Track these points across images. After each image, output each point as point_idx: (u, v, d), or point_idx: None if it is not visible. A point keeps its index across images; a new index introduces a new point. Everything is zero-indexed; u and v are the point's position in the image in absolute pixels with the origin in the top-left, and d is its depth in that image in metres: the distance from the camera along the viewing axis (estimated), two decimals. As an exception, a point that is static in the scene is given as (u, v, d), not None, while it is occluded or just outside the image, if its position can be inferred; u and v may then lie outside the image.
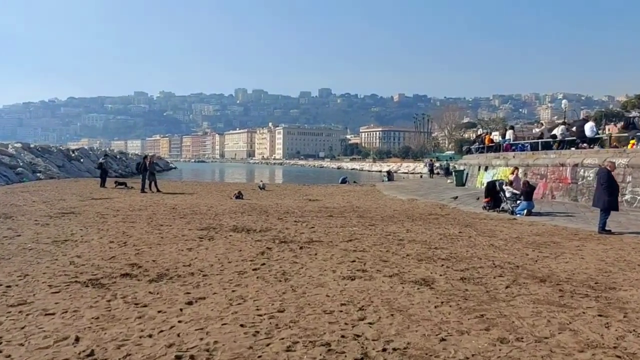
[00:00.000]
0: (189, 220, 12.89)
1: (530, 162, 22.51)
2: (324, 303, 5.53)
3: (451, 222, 13.56)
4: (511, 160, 24.44)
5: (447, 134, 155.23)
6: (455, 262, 7.98)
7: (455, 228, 12.18)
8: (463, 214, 15.65)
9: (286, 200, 20.60)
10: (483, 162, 27.79)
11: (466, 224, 13.02)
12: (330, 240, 9.82)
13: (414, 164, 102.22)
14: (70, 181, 31.99)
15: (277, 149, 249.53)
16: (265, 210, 15.86)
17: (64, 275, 6.64)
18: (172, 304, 5.40)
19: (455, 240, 10.27)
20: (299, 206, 17.79)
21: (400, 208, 17.55)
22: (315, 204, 19.10)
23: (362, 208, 17.37)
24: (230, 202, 19.00)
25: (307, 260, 7.91)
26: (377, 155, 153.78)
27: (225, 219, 13.29)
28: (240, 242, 9.41)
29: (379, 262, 7.86)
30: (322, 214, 14.96)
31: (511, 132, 26.61)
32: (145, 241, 9.38)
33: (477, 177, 27.94)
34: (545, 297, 6.02)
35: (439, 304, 5.60)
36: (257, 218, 13.60)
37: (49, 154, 42.98)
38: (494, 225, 13.01)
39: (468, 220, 14.08)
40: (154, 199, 19.90)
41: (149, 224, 11.87)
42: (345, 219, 13.84)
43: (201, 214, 14.33)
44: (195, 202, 18.98)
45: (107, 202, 18.24)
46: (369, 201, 20.73)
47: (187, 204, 17.67)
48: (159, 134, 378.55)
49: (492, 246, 9.60)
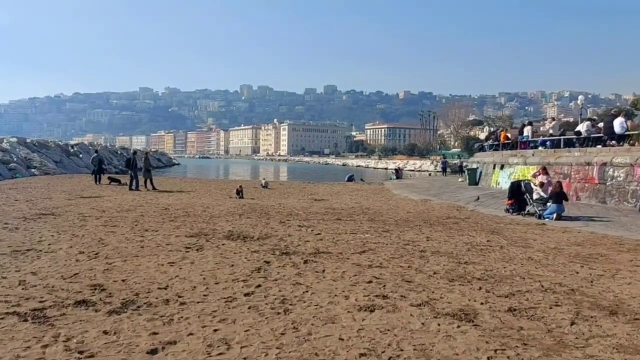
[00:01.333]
0: (180, 223, 11.46)
1: (551, 161, 20.95)
2: (336, 353, 4.06)
3: (474, 227, 12.08)
4: (530, 158, 22.89)
5: (453, 131, 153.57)
6: (495, 283, 6.50)
7: (480, 235, 10.69)
8: (484, 218, 14.15)
9: (290, 200, 19.15)
10: (498, 160, 26.23)
11: (492, 230, 11.53)
12: (340, 252, 8.35)
13: (420, 162, 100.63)
14: (65, 177, 30.66)
15: (282, 145, 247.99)
16: (267, 212, 14.41)
17: (3, 302, 5.21)
18: (129, 354, 3.95)
19: (486, 251, 8.79)
20: (304, 207, 16.34)
21: (414, 210, 16.06)
22: (321, 204, 17.65)
23: (373, 209, 15.89)
24: (229, 202, 17.57)
25: (313, 279, 6.45)
26: (383, 153, 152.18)
27: (220, 222, 11.84)
28: (233, 254, 7.95)
29: (402, 282, 6.40)
30: (329, 217, 13.50)
31: (529, 128, 24.99)
32: (121, 252, 7.94)
33: (492, 176, 26.38)
34: (628, 340, 4.54)
35: (493, 354, 4.13)
36: (257, 221, 12.15)
37: (46, 149, 41.69)
38: (523, 231, 11.51)
39: (492, 225, 12.58)
40: (147, 198, 18.49)
41: (132, 229, 10.44)
42: (355, 222, 12.37)
43: (195, 217, 12.90)
44: (192, 201, 17.56)
45: (96, 201, 16.85)
46: (379, 201, 19.25)
47: (181, 204, 16.25)
48: (163, 129, 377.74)
49: (531, 260, 8.12)
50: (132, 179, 22.21)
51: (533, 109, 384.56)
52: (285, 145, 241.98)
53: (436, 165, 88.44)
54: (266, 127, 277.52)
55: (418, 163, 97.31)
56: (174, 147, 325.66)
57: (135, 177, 22.22)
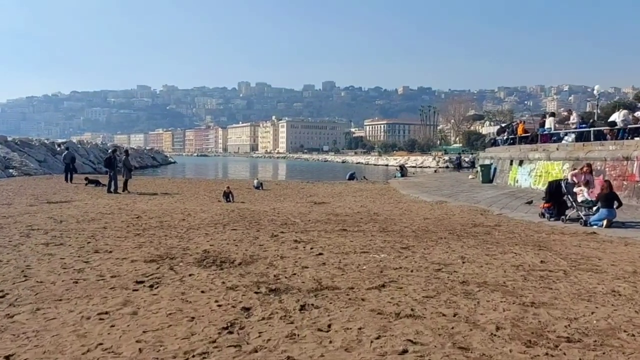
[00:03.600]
0: (146, 239, 9.11)
1: (580, 155, 18.61)
2: None
3: (512, 239, 9.75)
4: (554, 152, 20.55)
5: (453, 126, 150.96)
6: (597, 350, 4.17)
7: (527, 252, 8.36)
8: (518, 225, 11.80)
9: (286, 204, 16.82)
10: (516, 155, 23.87)
11: (537, 244, 9.19)
12: (351, 286, 6.00)
13: (422, 158, 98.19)
14: (43, 179, 28.30)
15: (280, 142, 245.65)
16: (257, 220, 12.08)
17: None
18: None
19: (548, 280, 6.46)
20: (302, 212, 14.00)
21: (431, 215, 13.71)
22: (322, 208, 15.31)
23: (382, 215, 13.55)
24: (216, 207, 15.23)
25: (314, 347, 4.12)
26: (383, 149, 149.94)
27: (198, 237, 9.50)
28: (200, 294, 5.60)
29: (454, 351, 4.06)
30: (332, 226, 11.16)
31: (552, 120, 22.55)
32: (40, 292, 5.59)
33: (509, 174, 24.03)
34: None
35: None
36: (243, 235, 9.80)
37: (29, 147, 39.26)
38: (575, 245, 9.18)
39: (532, 235, 10.25)
40: (123, 203, 16.16)
41: (80, 249, 8.10)
42: (364, 235, 10.03)
43: (169, 228, 10.55)
44: (173, 206, 15.22)
45: (61, 207, 14.51)
46: (388, 204, 16.91)
47: (159, 211, 13.91)
48: (161, 127, 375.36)
49: (619, 296, 5.79)
50: (110, 180, 19.88)
51: (532, 103, 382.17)
52: (283, 143, 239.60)
53: (438, 162, 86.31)
54: (264, 124, 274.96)
55: (420, 159, 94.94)
56: (172, 145, 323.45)
57: (115, 178, 19.89)
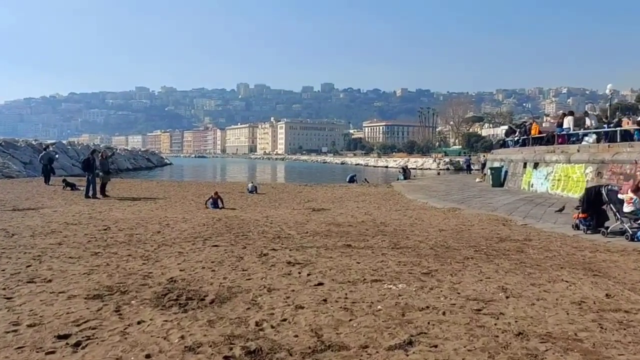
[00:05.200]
0: (102, 261, 7.34)
1: (606, 158, 16.88)
2: None
3: (552, 258, 7.99)
4: (575, 154, 18.80)
5: (452, 128, 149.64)
6: None
7: (580, 279, 6.60)
8: (551, 239, 10.03)
9: (281, 211, 15.05)
10: (530, 157, 22.12)
11: (586, 266, 7.43)
12: (364, 345, 4.20)
13: (422, 159, 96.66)
14: (24, 181, 26.48)
15: (279, 144, 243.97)
16: (246, 233, 10.31)
17: None
18: None
19: (634, 328, 4.71)
20: (298, 222, 12.24)
21: (446, 226, 11.95)
22: (322, 216, 13.55)
23: (391, 226, 11.79)
24: (201, 215, 13.46)
25: None
26: (382, 150, 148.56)
27: (168, 257, 7.72)
28: (143, 360, 3.85)
29: None
30: (334, 240, 9.40)
31: (571, 119, 20.79)
32: None
33: (523, 177, 22.28)
34: None
35: None
36: (225, 254, 8.03)
37: (14, 149, 37.45)
38: (633, 268, 7.43)
39: (574, 254, 8.49)
40: (98, 210, 14.39)
41: (12, 276, 6.30)
42: (373, 252, 8.27)
43: (136, 245, 8.77)
44: (152, 214, 13.45)
45: (26, 215, 12.75)
46: (395, 212, 15.14)
47: (134, 220, 12.13)
48: (160, 129, 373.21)
49: None
50: (89, 185, 18.10)
51: (531, 106, 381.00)
52: (282, 144, 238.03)
53: (439, 164, 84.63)
54: (263, 125, 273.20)
55: (420, 161, 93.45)
56: (171, 147, 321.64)
57: (93, 182, 18.11)
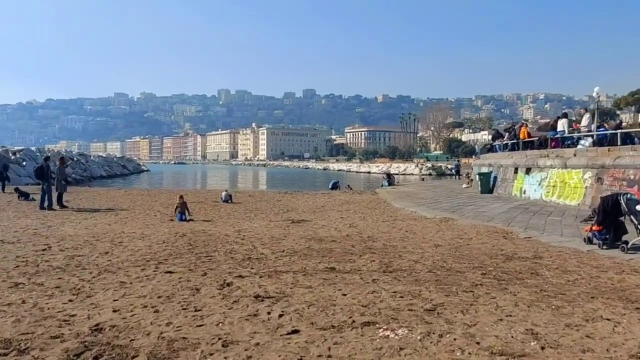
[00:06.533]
0: (18, 297, 5.73)
1: (607, 162, 15.70)
2: None
3: (576, 284, 6.63)
4: (571, 159, 17.62)
5: (434, 133, 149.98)
6: None
7: (623, 315, 5.23)
8: (565, 257, 8.66)
9: (256, 223, 13.53)
10: (522, 162, 20.92)
11: (621, 295, 6.06)
12: None
13: (404, 165, 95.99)
14: (-20, 191, 24.49)
15: (260, 149, 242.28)
16: (210, 253, 8.77)
17: None
18: None
19: None
20: (274, 237, 10.73)
21: (441, 240, 10.54)
22: (301, 230, 12.06)
23: (380, 240, 10.35)
24: (163, 229, 11.87)
25: None
26: (364, 156, 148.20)
27: (104, 290, 6.14)
28: None
29: None
30: (315, 262, 7.92)
31: (565, 122, 19.64)
32: None
33: (514, 183, 21.06)
34: None
35: None
36: (179, 283, 6.48)
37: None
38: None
39: (598, 276, 7.13)
40: (47, 224, 12.71)
41: None
42: (361, 278, 6.80)
43: (72, 271, 7.17)
44: (107, 229, 11.82)
45: (-42, 232, 11.03)
46: (383, 222, 13.72)
47: (84, 237, 10.49)
48: (139, 135, 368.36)
49: None
50: (44, 195, 16.37)
51: (509, 111, 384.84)
52: (264, 150, 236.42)
53: (421, 169, 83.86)
54: (244, 131, 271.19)
55: (402, 166, 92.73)
56: (150, 153, 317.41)
57: (48, 191, 16.39)
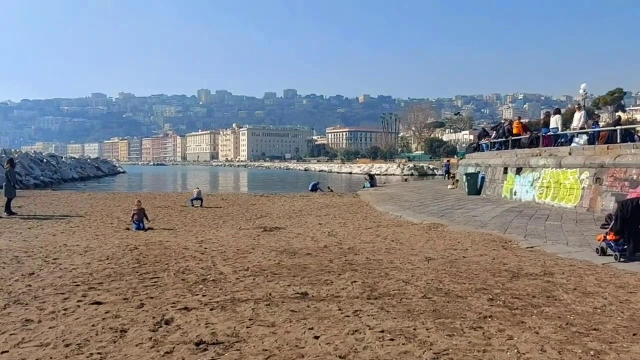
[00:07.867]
0: None
1: (606, 161, 14.56)
2: None
3: (604, 312, 5.31)
4: (567, 158, 16.47)
5: (415, 133, 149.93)
6: None
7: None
8: (580, 273, 7.35)
9: (223, 231, 12.04)
10: (512, 161, 19.76)
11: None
12: None
13: (386, 165, 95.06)
14: None
15: (241, 150, 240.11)
16: (158, 273, 7.26)
17: None
18: None
19: None
20: (240, 250, 9.27)
21: (432, 251, 9.17)
22: (273, 240, 10.61)
23: (362, 253, 8.94)
24: (113, 241, 10.31)
25: None
26: (345, 156, 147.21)
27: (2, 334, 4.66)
28: None
29: None
30: (284, 284, 6.47)
31: (558, 118, 18.55)
32: None
33: (504, 184, 19.88)
34: None
35: None
36: (101, 324, 4.97)
37: None
38: None
39: (629, 300, 5.84)
40: (-18, 235, 11.06)
41: None
42: (340, 310, 5.38)
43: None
44: (49, 241, 10.23)
45: None
46: (365, 230, 12.33)
47: (17, 251, 8.90)
48: (117, 136, 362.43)
49: None
50: None
51: (489, 111, 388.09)
52: (245, 151, 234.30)
53: (403, 169, 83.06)
54: (225, 132, 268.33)
55: (384, 166, 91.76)
56: (129, 154, 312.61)
57: None
